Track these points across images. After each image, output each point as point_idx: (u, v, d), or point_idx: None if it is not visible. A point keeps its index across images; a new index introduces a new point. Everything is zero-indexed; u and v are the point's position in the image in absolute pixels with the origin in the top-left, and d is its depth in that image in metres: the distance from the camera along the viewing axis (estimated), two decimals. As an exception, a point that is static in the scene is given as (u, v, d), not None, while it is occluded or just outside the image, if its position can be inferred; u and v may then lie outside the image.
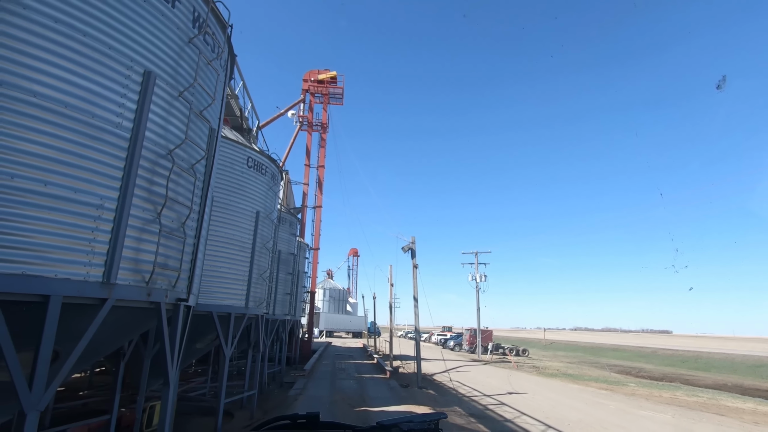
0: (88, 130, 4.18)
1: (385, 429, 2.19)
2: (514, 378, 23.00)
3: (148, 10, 4.93)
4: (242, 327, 10.44)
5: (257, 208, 10.87)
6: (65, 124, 4.02)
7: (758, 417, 14.52)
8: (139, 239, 4.68)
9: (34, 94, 3.85)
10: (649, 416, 13.72)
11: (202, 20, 5.94)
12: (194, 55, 5.73)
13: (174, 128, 5.31)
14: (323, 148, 30.76)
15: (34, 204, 3.75)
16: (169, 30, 5.26)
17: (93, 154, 4.21)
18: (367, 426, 2.24)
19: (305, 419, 2.34)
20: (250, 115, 17.18)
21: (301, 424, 2.34)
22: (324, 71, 31.47)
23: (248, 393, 11.69)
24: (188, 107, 5.53)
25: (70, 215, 3.98)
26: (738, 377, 34.50)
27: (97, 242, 4.20)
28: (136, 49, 4.74)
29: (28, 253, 3.69)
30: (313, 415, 2.33)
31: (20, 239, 3.64)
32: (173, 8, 5.35)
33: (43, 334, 3.76)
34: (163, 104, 5.12)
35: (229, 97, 13.95)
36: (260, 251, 11.07)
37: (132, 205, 4.50)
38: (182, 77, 5.46)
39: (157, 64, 5.03)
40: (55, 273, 3.85)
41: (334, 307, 69.48)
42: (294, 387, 15.24)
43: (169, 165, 5.14)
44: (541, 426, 11.29)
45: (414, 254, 18.02)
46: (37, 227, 3.75)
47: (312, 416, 2.33)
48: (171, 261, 5.25)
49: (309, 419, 2.33)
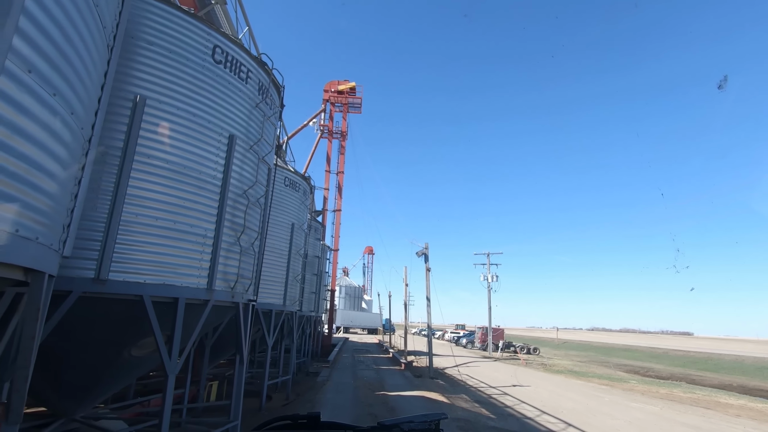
0: (198, 183, 6.07)
1: (386, 429, 2.18)
2: (521, 373, 24.54)
3: (230, 89, 6.79)
4: (280, 322, 12.37)
5: (292, 221, 12.78)
6: (185, 180, 5.90)
7: (743, 411, 15.79)
8: (226, 257, 6.56)
9: (167, 162, 5.74)
10: (639, 408, 15.17)
11: (265, 88, 7.78)
12: (259, 116, 7.58)
13: (246, 173, 7.18)
14: (342, 155, 32.65)
15: (169, 237, 5.64)
16: (243, 100, 7.11)
17: (201, 199, 6.10)
18: (367, 426, 2.22)
19: (306, 419, 2.31)
20: (281, 132, 19.12)
21: (301, 425, 2.32)
22: (343, 82, 33.28)
23: (283, 378, 13.65)
24: (257, 157, 7.39)
25: (189, 243, 5.88)
26: (746, 378, 35.10)
27: (203, 261, 6.09)
28: (224, 120, 6.61)
29: (166, 269, 5.59)
30: (313, 416, 2.30)
31: (162, 260, 5.54)
32: (246, 84, 7.19)
33: (175, 323, 5.65)
34: (240, 156, 6.98)
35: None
36: (294, 257, 12.98)
37: (222, 233, 6.37)
38: (251, 134, 7.32)
39: (236, 128, 6.89)
40: (181, 282, 5.75)
41: (350, 304, 71.48)
42: (320, 375, 17.21)
43: (245, 201, 7.00)
44: (536, 411, 12.91)
45: (427, 258, 19.75)
46: (170, 252, 5.65)
47: (313, 416, 2.29)
48: (245, 272, 7.13)
49: (310, 419, 2.30)
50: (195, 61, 6.27)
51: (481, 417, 11.61)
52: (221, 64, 6.65)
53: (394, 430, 2.17)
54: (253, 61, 7.45)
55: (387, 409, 11.33)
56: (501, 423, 11.05)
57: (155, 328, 5.35)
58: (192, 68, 6.21)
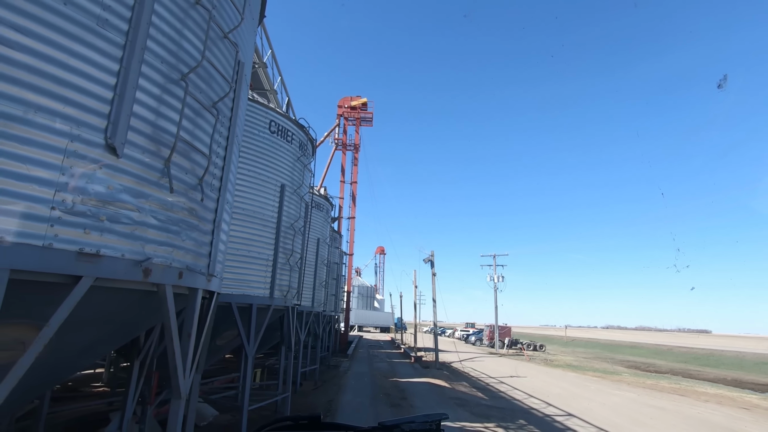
0: (262, 222, 8.66)
1: (387, 429, 2.16)
2: (522, 367, 26.82)
3: (280, 150, 9.36)
4: (309, 320, 14.97)
5: (318, 236, 15.33)
6: (253, 221, 8.49)
7: (715, 398, 17.86)
8: (280, 274, 9.12)
9: (243, 210, 8.33)
10: (620, 394, 17.38)
11: (303, 144, 10.33)
12: (300, 166, 10.13)
13: (292, 210, 9.74)
14: (356, 166, 35.22)
15: (247, 261, 8.23)
16: (289, 156, 9.67)
17: (264, 234, 8.68)
18: (368, 426, 2.19)
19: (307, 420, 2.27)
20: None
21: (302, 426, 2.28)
22: (356, 98, 35.86)
23: (311, 367, 16.27)
24: (298, 197, 9.95)
25: (257, 265, 8.46)
26: (743, 373, 36.67)
27: (267, 277, 8.67)
28: (277, 173, 9.17)
29: (244, 284, 8.17)
30: (314, 417, 2.26)
31: (241, 278, 8.11)
32: (291, 144, 9.75)
33: (251, 322, 8.23)
34: (287, 199, 9.53)
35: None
36: (320, 266, 15.53)
37: (278, 257, 8.93)
38: (295, 180, 9.87)
39: (284, 178, 9.45)
40: (254, 292, 8.33)
41: (362, 303, 74.08)
42: (341, 366, 19.84)
43: (292, 232, 9.57)
44: (524, 395, 15.28)
45: (433, 264, 22.20)
46: (248, 272, 8.23)
47: (314, 418, 2.26)
48: (293, 283, 9.70)
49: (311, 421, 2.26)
50: (258, 134, 8.88)
51: (476, 398, 14.04)
52: (275, 134, 9.23)
53: (395, 430, 2.16)
54: (295, 125, 9.99)
55: (398, 391, 13.86)
56: (492, 402, 13.48)
57: (240, 324, 7.95)
58: (257, 139, 8.81)
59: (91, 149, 2.90)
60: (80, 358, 4.37)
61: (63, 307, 2.73)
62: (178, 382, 3.81)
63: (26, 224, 2.54)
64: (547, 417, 11.93)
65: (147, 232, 3.33)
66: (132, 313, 3.95)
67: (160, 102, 3.48)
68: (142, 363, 6.30)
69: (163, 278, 3.52)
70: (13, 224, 2.47)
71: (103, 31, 3.00)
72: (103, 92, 2.97)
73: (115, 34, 3.10)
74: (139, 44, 3.20)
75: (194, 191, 4.01)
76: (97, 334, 3.75)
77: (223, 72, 4.34)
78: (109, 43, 3.04)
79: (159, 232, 3.48)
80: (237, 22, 4.66)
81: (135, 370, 6.22)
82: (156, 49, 3.43)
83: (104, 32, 3.01)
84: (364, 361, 23.49)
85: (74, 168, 2.80)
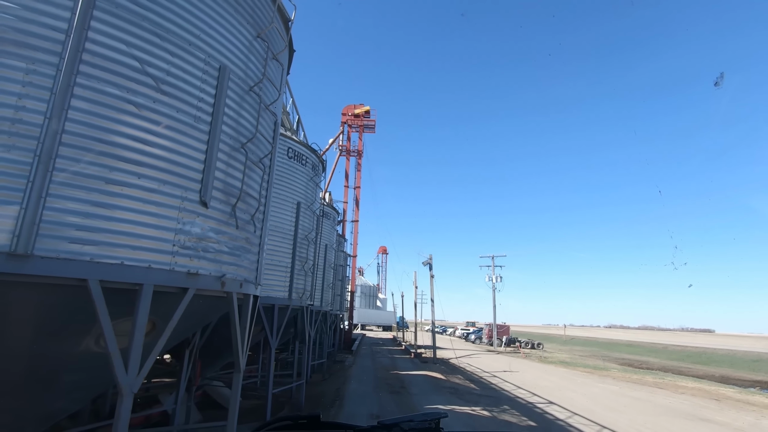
0: (283, 236, 10.31)
1: (387, 428, 2.17)
2: (516, 363, 28.36)
3: (297, 173, 10.95)
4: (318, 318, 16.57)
5: (326, 242, 16.92)
6: (277, 235, 10.13)
7: (691, 391, 19.34)
8: (297, 278, 10.71)
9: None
10: (603, 387, 18.90)
11: (315, 165, 11.90)
12: (312, 185, 11.71)
13: (306, 223, 11.32)
14: (359, 171, 36.81)
15: (270, 269, 9.84)
16: (303, 177, 11.26)
17: (284, 246, 10.30)
18: (368, 426, 2.21)
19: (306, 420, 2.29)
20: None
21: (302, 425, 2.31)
22: (359, 106, 37.44)
23: (319, 361, 17.88)
24: (312, 212, 11.54)
25: (279, 271, 10.08)
26: (732, 370, 38.09)
27: (285, 281, 10.27)
28: (295, 193, 10.77)
29: (268, 288, 9.76)
30: (314, 416, 2.28)
31: (266, 282, 9.70)
32: (305, 166, 11.33)
33: (273, 320, 9.82)
34: (302, 215, 11.11)
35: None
36: (327, 270, 17.14)
37: (295, 264, 10.52)
38: (308, 198, 11.45)
39: (300, 196, 11.04)
40: (276, 295, 9.92)
41: (365, 302, 75.59)
42: (346, 361, 21.47)
43: (306, 242, 11.16)
44: (513, 387, 16.83)
45: (431, 267, 23.79)
46: (271, 277, 9.84)
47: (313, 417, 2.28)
48: (307, 286, 11.29)
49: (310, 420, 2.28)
50: (278, 160, 10.44)
51: (468, 387, 15.63)
52: (292, 159, 10.81)
53: (395, 429, 2.16)
54: (308, 149, 11.57)
55: (398, 381, 15.48)
56: (482, 392, 15.05)
57: (265, 321, 9.55)
58: (277, 165, 10.36)
59: (192, 205, 4.48)
60: (168, 344, 5.97)
61: (180, 307, 4.32)
62: (239, 360, 5.39)
63: (160, 256, 4.12)
64: (529, 404, 13.49)
65: (222, 257, 4.91)
66: (204, 311, 5.52)
67: (228, 165, 5.06)
68: (191, 353, 7.94)
69: (231, 287, 5.10)
70: (153, 256, 4.06)
71: (198, 125, 4.60)
72: (198, 166, 4.55)
73: (204, 125, 4.68)
74: (218, 129, 4.79)
75: (248, 225, 5.58)
76: (184, 325, 5.31)
77: (266, 135, 5.93)
78: (201, 132, 4.62)
79: (229, 256, 5.06)
80: (275, 96, 6.24)
81: (186, 359, 7.85)
82: (226, 130, 5.00)
83: (198, 126, 4.60)
84: (367, 356, 25.13)
85: (184, 218, 4.39)
